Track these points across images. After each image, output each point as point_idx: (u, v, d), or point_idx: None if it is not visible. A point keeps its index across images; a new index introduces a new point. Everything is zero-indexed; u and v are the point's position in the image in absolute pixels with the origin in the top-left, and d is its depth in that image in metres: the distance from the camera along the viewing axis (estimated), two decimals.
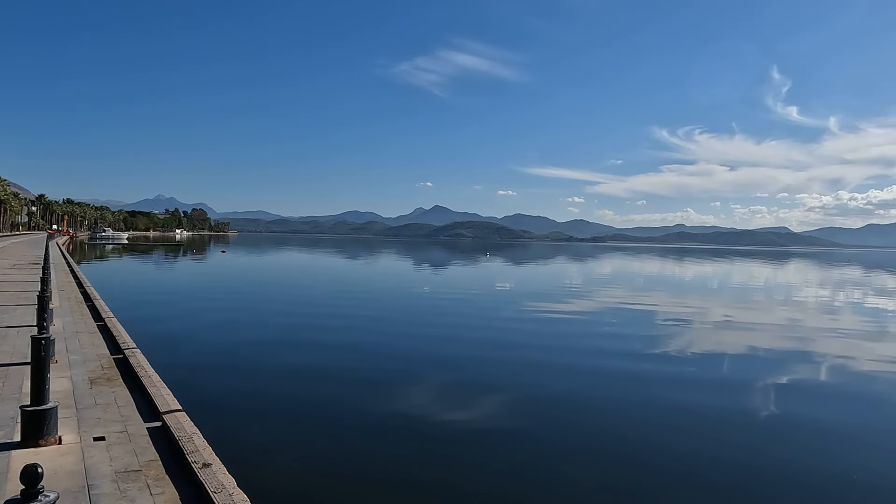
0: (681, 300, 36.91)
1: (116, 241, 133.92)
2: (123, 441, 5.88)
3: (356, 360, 16.45)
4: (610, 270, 75.17)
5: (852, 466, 9.45)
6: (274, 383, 13.63)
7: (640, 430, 10.93)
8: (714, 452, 9.89)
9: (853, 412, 12.81)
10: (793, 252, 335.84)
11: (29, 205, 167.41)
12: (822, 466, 9.55)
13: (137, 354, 9.35)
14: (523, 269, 73.55)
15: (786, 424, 11.83)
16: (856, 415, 12.62)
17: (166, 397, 7.09)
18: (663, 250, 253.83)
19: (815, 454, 10.12)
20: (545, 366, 16.42)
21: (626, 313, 29.06)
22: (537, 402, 12.72)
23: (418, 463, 9.13)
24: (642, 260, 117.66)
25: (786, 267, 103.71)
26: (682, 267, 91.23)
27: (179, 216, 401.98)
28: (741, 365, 17.45)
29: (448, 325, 23.82)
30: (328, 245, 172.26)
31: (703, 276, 70.72)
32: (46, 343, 5.82)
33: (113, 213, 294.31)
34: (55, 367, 8.37)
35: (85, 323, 12.95)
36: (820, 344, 21.56)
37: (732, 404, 12.89)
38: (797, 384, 15.37)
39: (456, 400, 12.88)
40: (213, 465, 5.17)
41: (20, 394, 7.20)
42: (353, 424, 10.72)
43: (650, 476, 8.90)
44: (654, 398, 13.18)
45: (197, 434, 5.88)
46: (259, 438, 9.70)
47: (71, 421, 6.35)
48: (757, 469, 9.30)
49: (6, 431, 5.95)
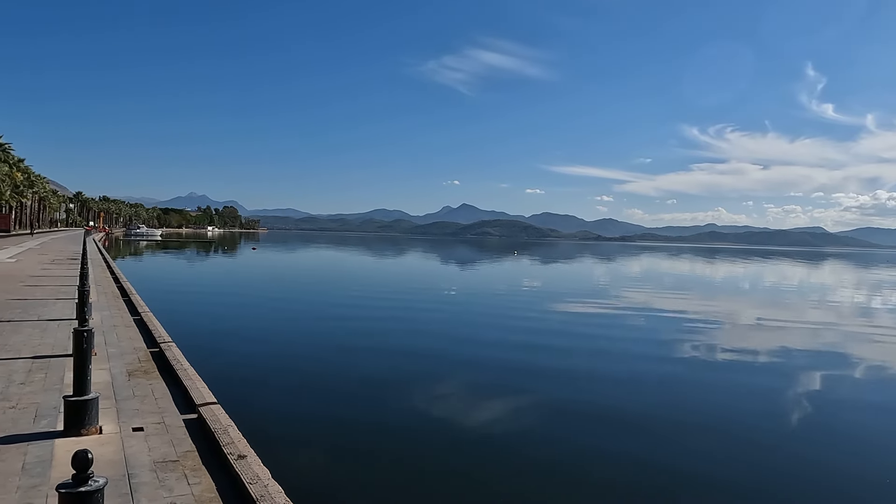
0: (712, 302, 36.34)
1: (150, 238, 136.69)
2: (161, 432, 6.01)
3: (386, 357, 16.55)
4: (639, 270, 74.31)
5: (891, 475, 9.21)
6: (305, 379, 13.81)
7: (669, 435, 10.78)
8: (746, 458, 9.73)
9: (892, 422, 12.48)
10: (829, 252, 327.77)
11: (67, 202, 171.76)
12: (859, 475, 9.33)
13: (173, 348, 9.54)
14: (550, 269, 73.14)
15: (821, 432, 11.55)
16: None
17: (201, 390, 7.23)
18: (694, 250, 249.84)
19: (851, 463, 9.89)
20: (572, 367, 16.32)
21: (655, 315, 28.69)
22: (564, 404, 12.64)
23: (445, 460, 9.17)
24: (672, 259, 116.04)
25: (824, 267, 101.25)
26: (714, 267, 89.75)
27: (211, 213, 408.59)
28: (775, 370, 17.07)
29: (476, 324, 23.85)
30: (356, 243, 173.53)
31: (736, 276, 69.43)
32: (88, 335, 5.98)
33: (147, 210, 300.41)
34: (94, 360, 8.56)
35: (122, 317, 13.26)
36: (860, 350, 20.92)
37: (765, 411, 12.63)
38: (834, 391, 14.98)
39: (483, 399, 12.89)
40: (248, 456, 5.26)
41: (62, 385, 7.41)
42: (383, 421, 10.80)
43: (679, 482, 8.79)
44: (682, 402, 13.02)
45: (232, 426, 5.98)
46: (292, 432, 9.85)
47: (111, 412, 6.51)
48: (790, 477, 9.13)
49: (49, 421, 6.13)
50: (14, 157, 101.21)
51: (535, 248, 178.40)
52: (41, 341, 10.10)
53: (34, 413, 6.37)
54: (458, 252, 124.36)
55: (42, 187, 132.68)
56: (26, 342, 9.97)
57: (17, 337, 10.37)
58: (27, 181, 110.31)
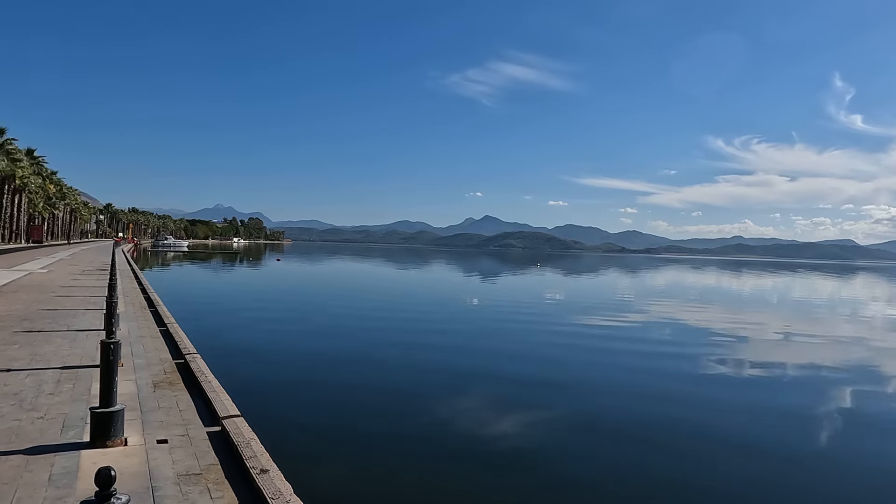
0: (739, 316, 35.69)
1: (177, 249, 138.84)
2: (185, 444, 6.02)
3: (410, 371, 16.50)
4: (664, 283, 73.38)
5: None
6: (329, 392, 13.81)
7: (691, 452, 10.57)
8: (773, 479, 9.47)
9: None
10: (860, 266, 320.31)
11: (97, 213, 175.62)
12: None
13: (198, 360, 9.60)
14: (573, 281, 72.58)
15: (850, 456, 11.22)
16: None
17: (225, 402, 7.24)
18: (721, 262, 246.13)
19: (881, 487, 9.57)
20: (593, 381, 16.13)
21: (680, 328, 28.26)
22: (588, 418, 12.46)
23: (469, 476, 9.05)
24: (698, 272, 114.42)
25: (856, 281, 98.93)
26: (741, 280, 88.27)
27: (237, 225, 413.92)
28: (802, 389, 16.68)
29: (499, 337, 23.69)
30: (379, 254, 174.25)
31: (764, 289, 68.14)
32: (115, 347, 6.02)
33: (174, 221, 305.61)
34: (121, 371, 8.64)
35: (149, 328, 13.41)
36: (890, 369, 20.38)
37: (792, 431, 12.32)
38: (863, 412, 14.54)
39: (506, 413, 12.75)
40: (271, 471, 5.24)
41: (89, 395, 7.48)
42: (406, 436, 10.73)
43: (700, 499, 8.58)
44: (706, 419, 12.75)
45: (255, 440, 5.97)
46: (315, 447, 9.83)
47: (136, 423, 6.55)
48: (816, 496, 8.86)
49: (76, 431, 6.18)
50: (47, 169, 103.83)
51: (558, 261, 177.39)
52: (70, 352, 10.25)
53: (62, 424, 6.43)
54: (481, 264, 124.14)
55: (73, 199, 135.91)
56: (56, 352, 10.11)
57: (48, 347, 10.54)
58: (59, 193, 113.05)
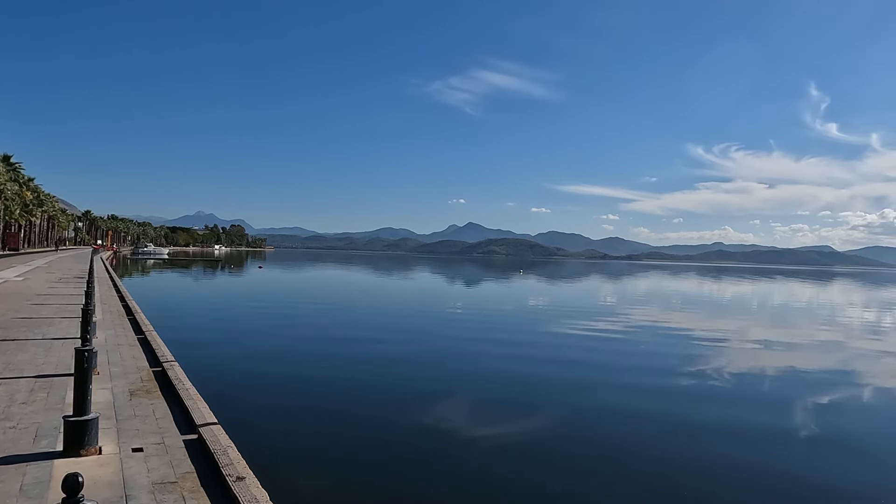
0: (720, 321, 36.09)
1: (158, 256, 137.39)
2: (161, 453, 5.98)
3: (389, 377, 16.49)
4: (645, 289, 74.00)
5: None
6: (307, 399, 13.75)
7: (671, 453, 10.67)
8: (746, 476, 9.59)
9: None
10: (838, 272, 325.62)
11: (75, 220, 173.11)
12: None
13: (175, 367, 9.52)
14: (556, 287, 72.95)
15: (824, 453, 11.40)
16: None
17: (202, 410, 7.20)
18: (701, 269, 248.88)
19: (857, 484, 9.73)
20: (576, 385, 16.21)
21: (661, 334, 28.51)
22: (567, 421, 12.55)
23: (448, 482, 9.07)
24: (679, 279, 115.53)
25: (835, 287, 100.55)
26: (722, 286, 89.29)
27: (218, 232, 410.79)
28: (781, 391, 16.92)
29: (481, 343, 23.73)
30: (362, 261, 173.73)
31: (745, 295, 68.99)
32: (90, 355, 5.97)
33: (155, 228, 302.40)
34: (97, 379, 8.57)
35: (126, 336, 13.27)
36: (868, 372, 20.71)
37: (767, 431, 12.50)
38: (843, 414, 14.80)
39: (486, 417, 12.79)
40: (247, 478, 5.22)
41: (63, 404, 7.39)
42: (385, 441, 10.72)
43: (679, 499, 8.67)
44: (685, 420, 12.88)
45: (232, 447, 5.94)
46: (292, 453, 9.78)
47: (111, 432, 6.49)
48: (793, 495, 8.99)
49: (49, 441, 6.11)
50: (24, 176, 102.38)
51: (541, 267, 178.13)
52: (45, 360, 10.11)
53: (34, 433, 6.35)
54: (465, 270, 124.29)
55: (51, 206, 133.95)
56: (30, 361, 9.97)
57: (22, 356, 10.38)
58: (36, 200, 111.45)
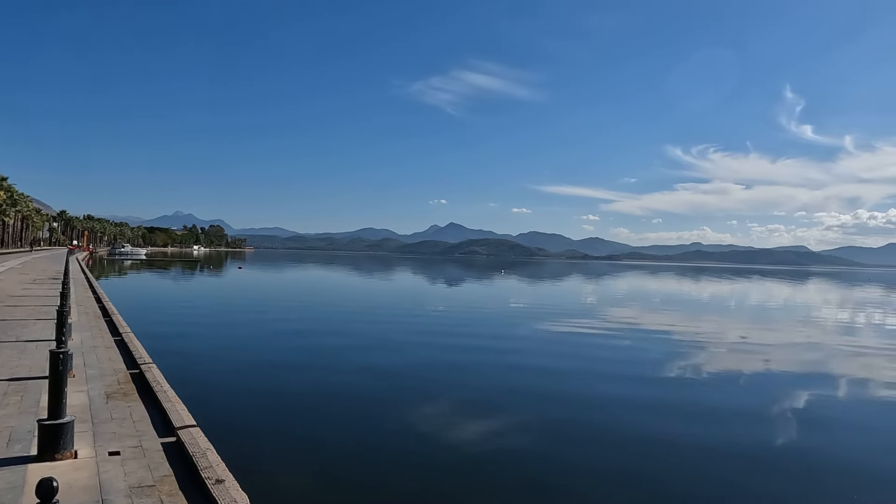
0: (698, 321, 36.50)
1: (135, 257, 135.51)
2: (138, 456, 5.89)
3: (370, 378, 16.43)
4: (626, 289, 74.62)
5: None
6: (288, 400, 13.65)
7: (654, 452, 10.77)
8: (735, 477, 9.71)
9: (875, 444, 12.53)
10: (813, 271, 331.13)
11: (50, 221, 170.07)
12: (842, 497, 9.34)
13: (153, 369, 9.39)
14: (537, 288, 73.27)
15: (806, 454, 11.58)
16: (880, 448, 12.34)
17: (181, 412, 7.10)
18: (680, 269, 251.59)
19: (835, 485, 9.90)
20: (559, 386, 16.27)
21: (641, 334, 28.77)
22: (552, 424, 12.61)
23: (431, 483, 9.06)
24: (659, 279, 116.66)
25: (811, 286, 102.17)
26: (700, 286, 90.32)
27: (197, 232, 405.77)
28: (761, 389, 17.13)
29: (462, 344, 23.73)
30: (344, 262, 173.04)
31: (722, 295, 69.85)
32: (65, 357, 5.87)
33: (132, 229, 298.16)
34: (72, 382, 8.43)
35: (102, 338, 13.06)
36: (846, 370, 20.98)
37: (747, 429, 12.67)
38: (818, 412, 15.01)
39: (469, 421, 12.79)
40: (227, 481, 5.16)
41: (38, 408, 7.25)
42: (365, 442, 10.68)
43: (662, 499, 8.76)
44: (666, 420, 13.00)
45: (211, 450, 5.87)
46: (273, 455, 9.69)
47: (87, 435, 6.38)
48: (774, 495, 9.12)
49: (23, 445, 5.99)
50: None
51: (522, 268, 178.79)
52: (19, 363, 9.91)
53: (8, 437, 6.22)
54: (446, 271, 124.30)
55: (25, 206, 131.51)
56: (4, 364, 9.77)
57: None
58: (10, 199, 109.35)
